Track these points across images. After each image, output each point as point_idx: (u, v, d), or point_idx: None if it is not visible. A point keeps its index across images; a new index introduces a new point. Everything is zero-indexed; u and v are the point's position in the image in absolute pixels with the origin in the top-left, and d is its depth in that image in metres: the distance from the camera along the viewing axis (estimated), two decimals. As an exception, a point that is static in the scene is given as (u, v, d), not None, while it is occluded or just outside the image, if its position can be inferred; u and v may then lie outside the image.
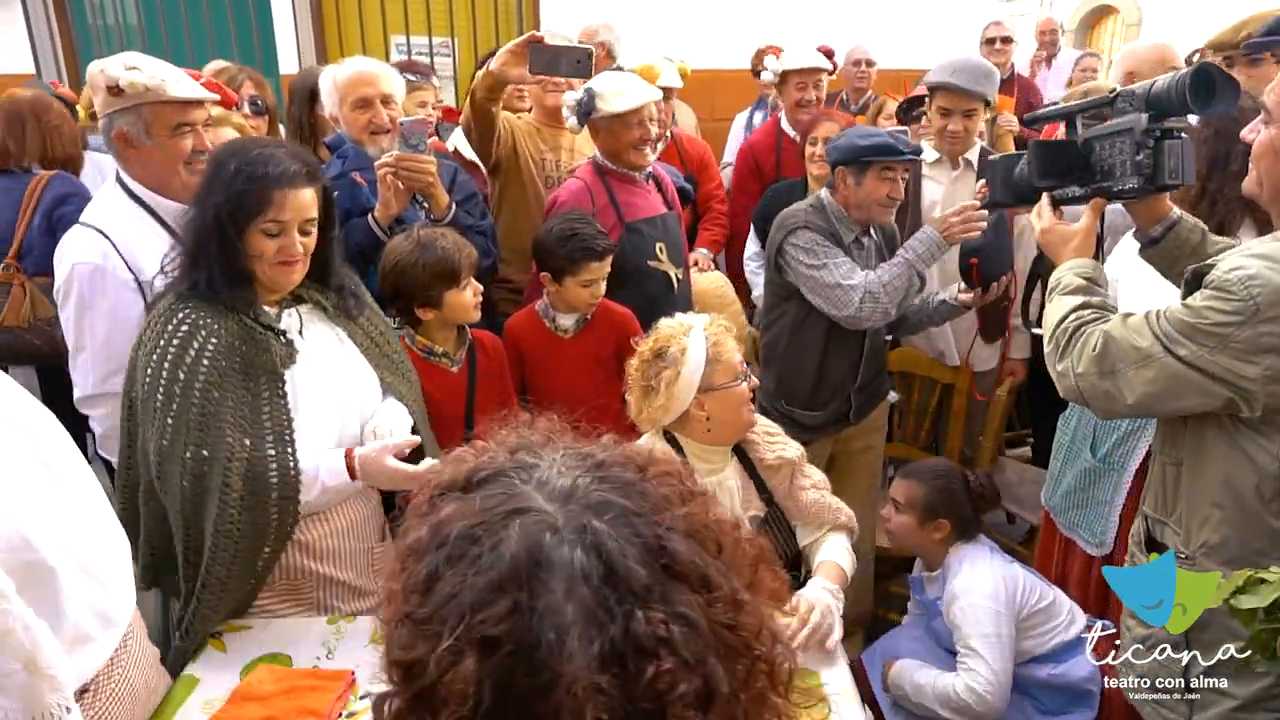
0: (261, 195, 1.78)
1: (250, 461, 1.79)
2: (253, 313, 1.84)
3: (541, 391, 2.72)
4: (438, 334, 2.46)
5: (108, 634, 1.39)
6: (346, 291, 2.01)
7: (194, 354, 1.79)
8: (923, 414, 3.27)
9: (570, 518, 0.71)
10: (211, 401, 1.78)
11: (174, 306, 1.83)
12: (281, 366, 1.85)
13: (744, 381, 1.96)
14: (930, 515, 2.32)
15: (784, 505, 2.02)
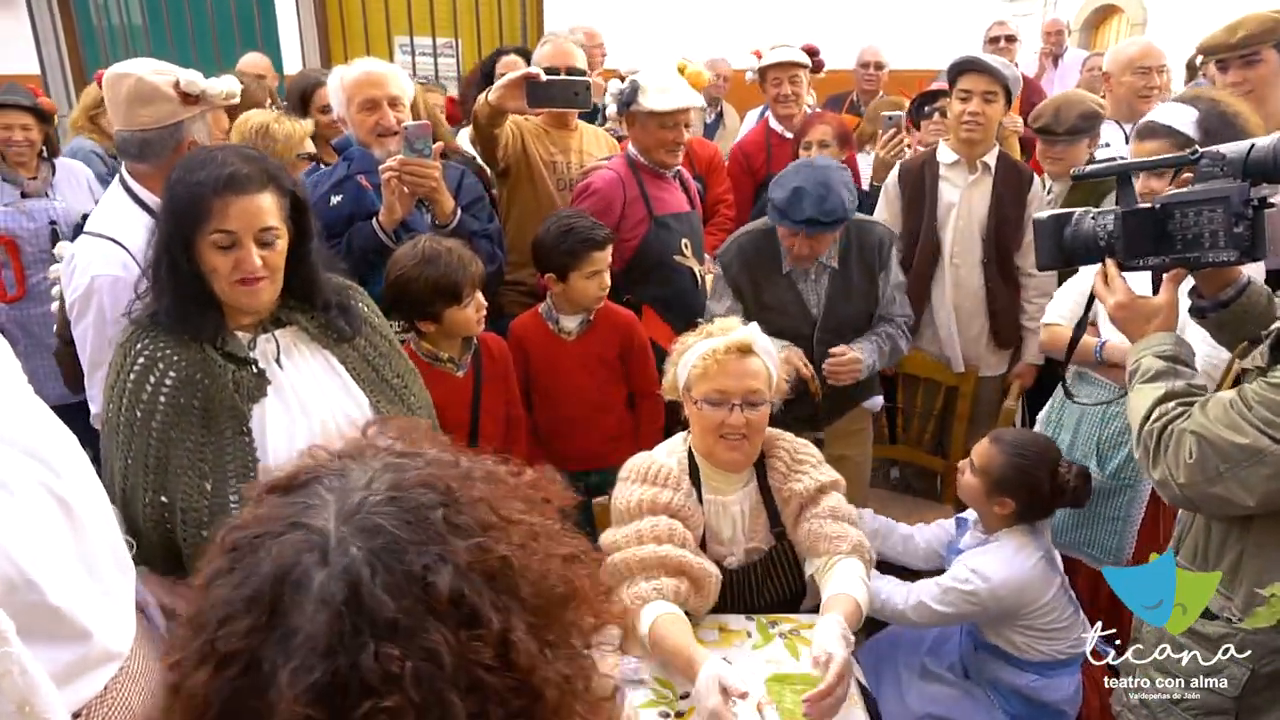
0: (200, 203, 1.59)
1: (211, 509, 1.65)
2: (219, 341, 1.67)
3: (545, 393, 2.73)
4: (441, 342, 2.46)
5: (105, 667, 1.38)
6: (335, 311, 1.80)
7: (150, 389, 1.65)
8: (927, 417, 3.27)
9: (341, 539, 0.69)
10: (168, 442, 1.64)
11: (134, 336, 1.69)
12: (249, 400, 1.69)
13: (723, 411, 1.83)
14: (999, 489, 2.18)
15: (791, 538, 1.93)
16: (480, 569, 0.70)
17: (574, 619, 0.75)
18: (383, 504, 0.71)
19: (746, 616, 1.88)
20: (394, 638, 0.65)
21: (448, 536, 0.70)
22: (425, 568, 0.68)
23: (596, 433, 2.80)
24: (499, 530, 0.73)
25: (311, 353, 1.80)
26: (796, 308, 2.65)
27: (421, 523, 0.71)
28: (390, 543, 0.69)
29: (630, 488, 1.89)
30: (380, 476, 0.75)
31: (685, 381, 1.88)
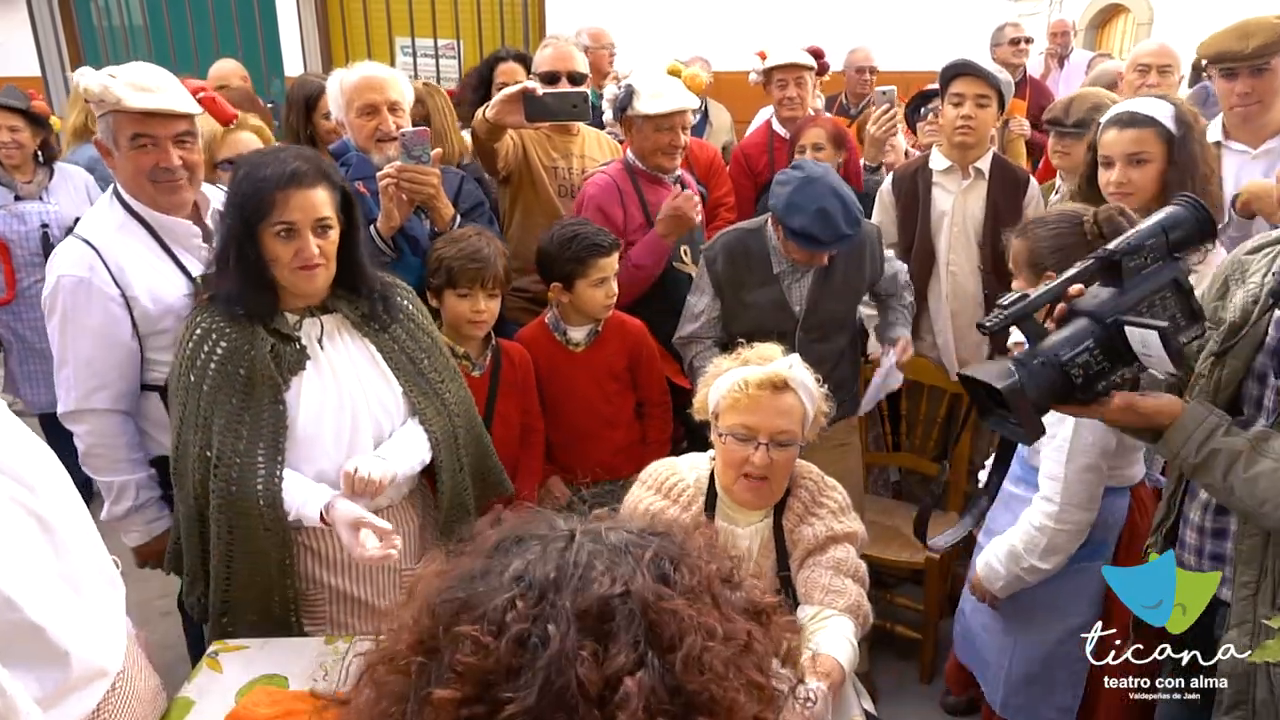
0: (265, 197, 1.78)
1: (241, 466, 1.81)
2: (269, 319, 1.85)
3: (554, 406, 2.71)
4: (452, 333, 2.45)
5: (94, 686, 1.36)
6: (378, 300, 1.97)
7: (204, 357, 1.85)
8: (931, 424, 3.23)
9: (577, 538, 0.76)
10: (214, 404, 1.83)
11: (196, 312, 1.92)
12: (288, 372, 1.85)
13: (748, 448, 1.75)
14: (1038, 269, 2.03)
15: (794, 581, 1.83)
16: (650, 614, 0.70)
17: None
18: (621, 529, 0.77)
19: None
20: (529, 600, 0.70)
21: (642, 570, 0.72)
22: (599, 573, 0.72)
23: (605, 445, 2.77)
24: (700, 603, 0.73)
25: (353, 339, 1.96)
26: (779, 306, 2.65)
27: (629, 549, 0.74)
28: (594, 549, 0.74)
29: (643, 492, 1.87)
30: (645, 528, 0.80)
31: (714, 408, 1.82)
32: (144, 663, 1.59)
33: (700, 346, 2.69)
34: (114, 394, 2.09)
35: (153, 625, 3.22)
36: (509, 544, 0.76)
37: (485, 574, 0.73)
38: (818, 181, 2.47)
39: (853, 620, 1.72)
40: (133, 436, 2.16)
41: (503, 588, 0.71)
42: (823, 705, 1.49)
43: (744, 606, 0.78)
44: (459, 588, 0.73)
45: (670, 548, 0.76)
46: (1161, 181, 2.26)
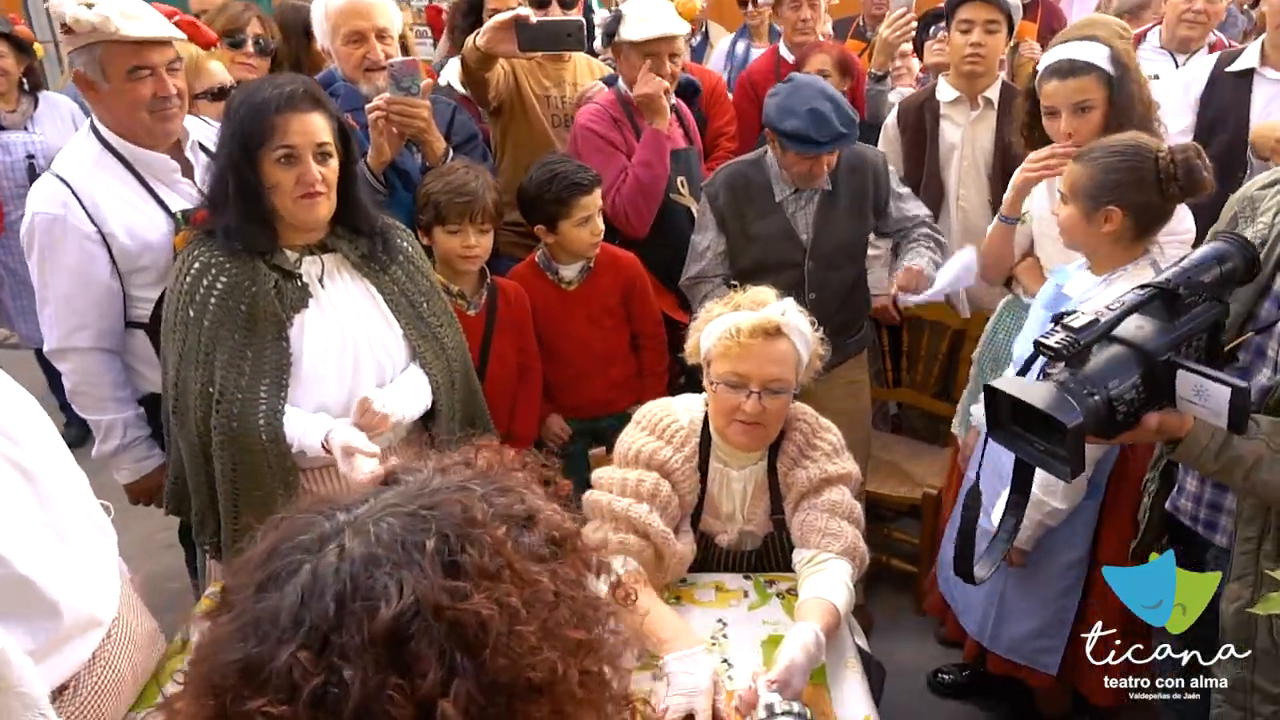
0: (264, 121, 1.74)
1: (243, 402, 1.80)
2: (269, 255, 1.82)
3: (550, 346, 2.68)
4: (446, 270, 2.41)
5: (89, 635, 1.36)
6: (378, 240, 1.94)
7: (203, 291, 1.81)
8: (932, 360, 3.21)
9: (342, 534, 0.71)
10: (216, 340, 1.81)
11: (192, 246, 1.87)
12: (290, 310, 1.82)
13: (740, 396, 1.71)
14: (1097, 202, 1.91)
15: (788, 524, 1.83)
16: (447, 616, 0.65)
17: (538, 717, 0.68)
18: (393, 513, 0.71)
19: (744, 575, 1.85)
20: (314, 648, 0.64)
21: (427, 568, 0.66)
22: (383, 589, 0.65)
23: (602, 382, 2.76)
24: (497, 584, 0.68)
25: (353, 279, 1.93)
26: (785, 235, 2.59)
27: (407, 544, 0.68)
28: (368, 554, 0.67)
29: (637, 434, 1.84)
30: (424, 483, 0.75)
31: (706, 354, 1.78)
32: (140, 607, 1.60)
33: (709, 286, 2.64)
34: (95, 333, 2.07)
35: (156, 558, 3.26)
36: (277, 570, 0.69)
37: (258, 623, 0.66)
38: (806, 86, 2.45)
39: (849, 563, 1.72)
40: (118, 375, 2.14)
41: (281, 640, 0.64)
42: (818, 648, 1.49)
43: (544, 544, 0.73)
44: (236, 646, 0.66)
45: (451, 519, 0.70)
46: (1104, 124, 2.23)
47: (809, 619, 1.54)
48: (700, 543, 1.84)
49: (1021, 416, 1.28)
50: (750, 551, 1.90)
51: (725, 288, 2.63)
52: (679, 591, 1.78)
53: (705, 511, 1.85)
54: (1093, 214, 1.97)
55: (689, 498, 1.81)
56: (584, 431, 2.79)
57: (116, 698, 1.45)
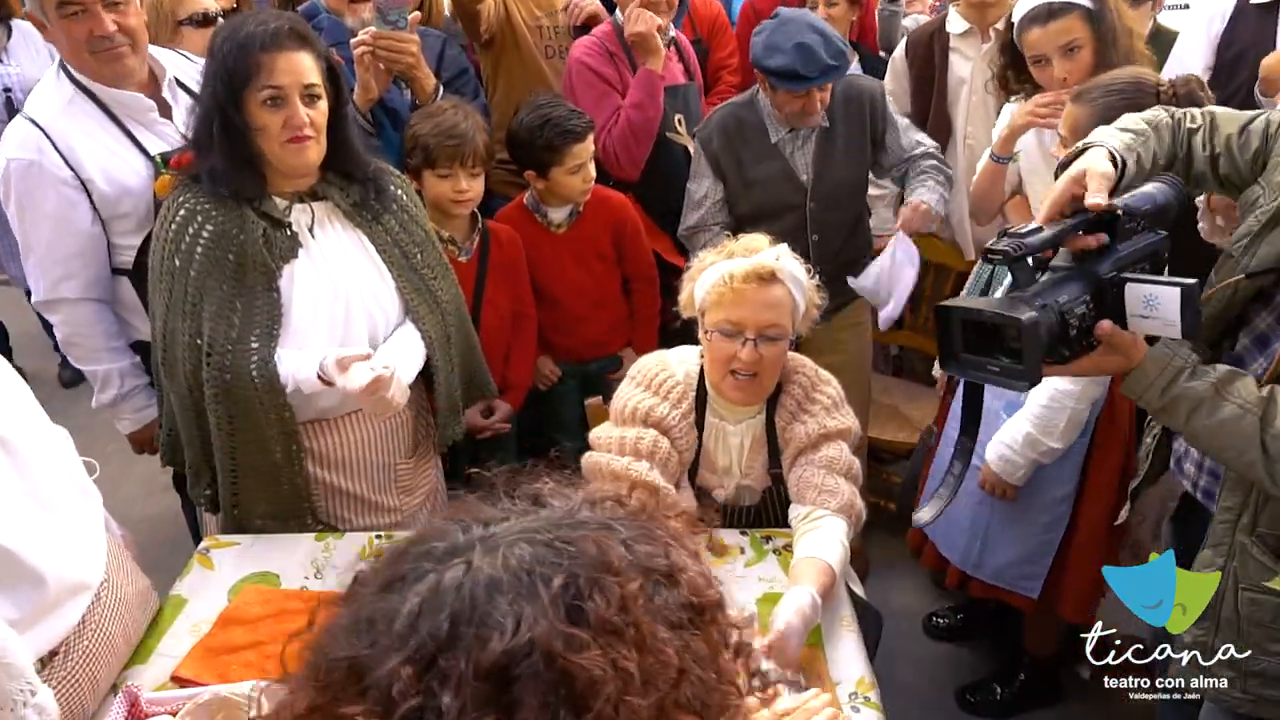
0: (249, 59, 1.65)
1: (234, 354, 1.74)
2: (257, 202, 1.75)
3: (540, 288, 2.62)
4: (436, 215, 2.34)
5: (76, 600, 1.35)
6: (370, 188, 1.86)
7: (189, 240, 1.74)
8: (934, 302, 3.14)
9: (472, 551, 0.70)
10: (203, 290, 1.74)
11: (177, 192, 1.78)
12: (280, 259, 1.76)
13: (735, 344, 1.67)
14: None
15: (786, 479, 1.79)
16: (558, 665, 0.61)
17: None
18: (529, 539, 0.68)
19: (740, 531, 1.84)
20: (418, 665, 0.62)
21: (548, 607, 0.63)
22: (499, 619, 0.62)
23: (596, 326, 2.72)
24: (617, 642, 0.63)
25: (344, 228, 1.85)
26: (785, 178, 2.52)
27: (533, 575, 0.65)
28: (493, 578, 0.65)
29: (632, 390, 1.80)
30: (570, 512, 0.72)
31: (700, 304, 1.73)
32: (130, 566, 1.59)
33: (708, 235, 2.57)
34: (82, 283, 2.02)
35: (156, 499, 3.26)
36: (404, 572, 0.68)
37: (372, 624, 0.65)
38: (793, 20, 2.37)
39: (845, 520, 1.70)
40: (110, 325, 2.09)
41: (390, 647, 0.63)
42: (813, 611, 1.48)
43: (680, 609, 0.69)
44: (348, 641, 0.65)
45: (585, 558, 0.66)
46: (1095, 62, 2.16)
47: (804, 581, 1.52)
48: (696, 498, 1.82)
49: (973, 342, 1.26)
50: (747, 506, 1.88)
51: (724, 236, 2.57)
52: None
53: (701, 466, 1.83)
54: None
55: (686, 454, 1.78)
56: (574, 374, 2.77)
57: (109, 660, 1.44)
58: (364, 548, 1.81)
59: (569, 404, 2.79)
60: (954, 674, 2.65)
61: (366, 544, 1.82)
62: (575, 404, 2.79)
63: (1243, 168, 1.41)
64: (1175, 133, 1.48)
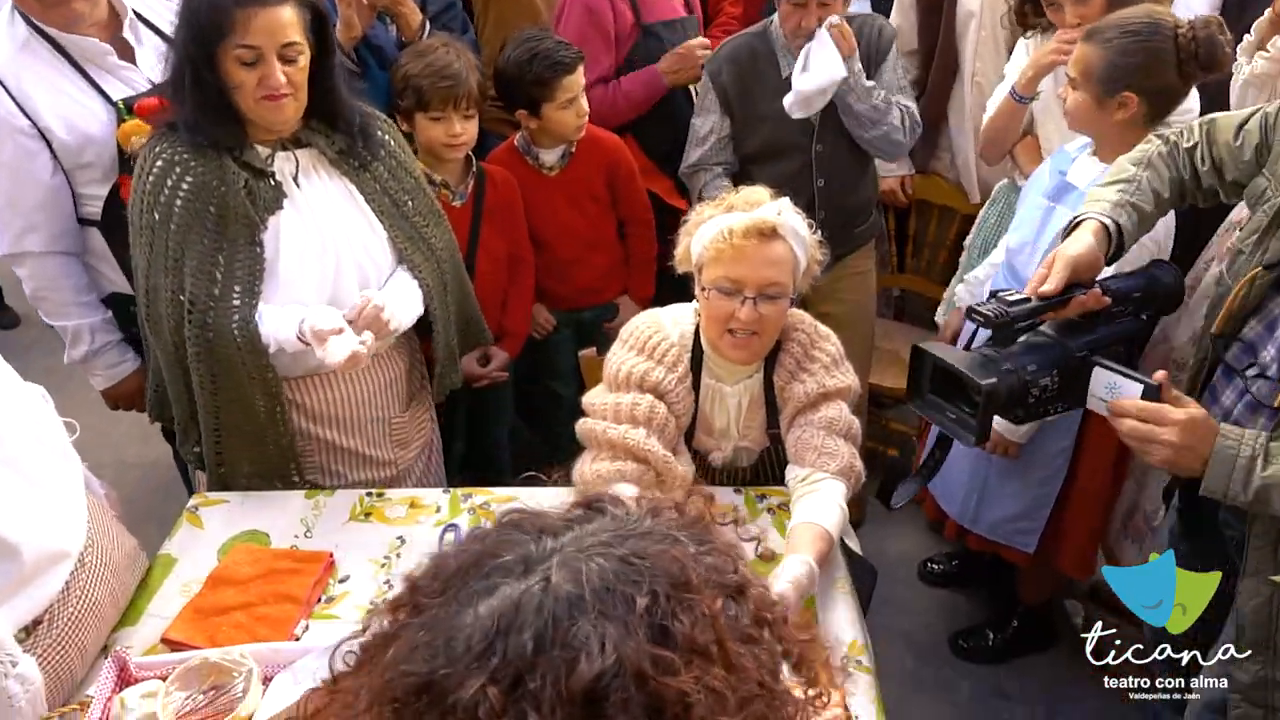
0: (221, 15, 1.57)
1: (217, 311, 1.70)
2: (238, 152, 1.68)
3: (533, 232, 2.55)
4: (429, 159, 2.27)
5: (57, 569, 1.32)
6: (357, 135, 1.79)
7: (168, 192, 1.68)
8: (939, 247, 3.09)
9: (548, 564, 0.67)
10: (184, 244, 1.69)
11: (154, 141, 1.72)
12: (264, 211, 1.69)
13: (734, 303, 1.60)
14: (1114, 84, 1.79)
15: (784, 439, 1.75)
16: (649, 687, 0.60)
17: None
18: (604, 553, 0.66)
19: (735, 490, 1.82)
20: (504, 686, 0.60)
21: (635, 627, 0.61)
22: (584, 640, 0.60)
23: (590, 271, 2.67)
24: (707, 663, 0.62)
25: (330, 177, 1.79)
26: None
27: (616, 594, 0.63)
28: (574, 596, 0.62)
29: (625, 354, 1.75)
30: (636, 521, 0.70)
31: (697, 259, 1.66)
32: (116, 529, 1.57)
33: (709, 175, 2.49)
34: (46, 236, 1.96)
35: (150, 446, 3.25)
36: (474, 584, 0.65)
37: (449, 641, 0.62)
38: None
39: (843, 482, 1.67)
40: (78, 279, 2.04)
41: (471, 666, 0.61)
42: (810, 581, 1.46)
43: (752, 624, 0.68)
44: (420, 659, 0.63)
45: (666, 576, 0.64)
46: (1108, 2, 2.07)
47: (801, 550, 1.50)
48: (693, 461, 1.79)
49: (940, 385, 1.38)
50: (744, 468, 1.86)
51: (726, 178, 2.50)
52: (664, 507, 1.73)
53: (698, 429, 1.79)
54: (1105, 101, 1.83)
55: (683, 419, 1.74)
56: (568, 322, 2.72)
57: (96, 624, 1.43)
58: (354, 506, 1.79)
59: (564, 352, 2.75)
60: (948, 620, 2.67)
61: (356, 503, 1.80)
62: (570, 352, 2.75)
63: (1245, 166, 1.42)
64: (1173, 159, 1.50)
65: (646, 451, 1.65)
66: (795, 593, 1.41)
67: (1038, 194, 2.06)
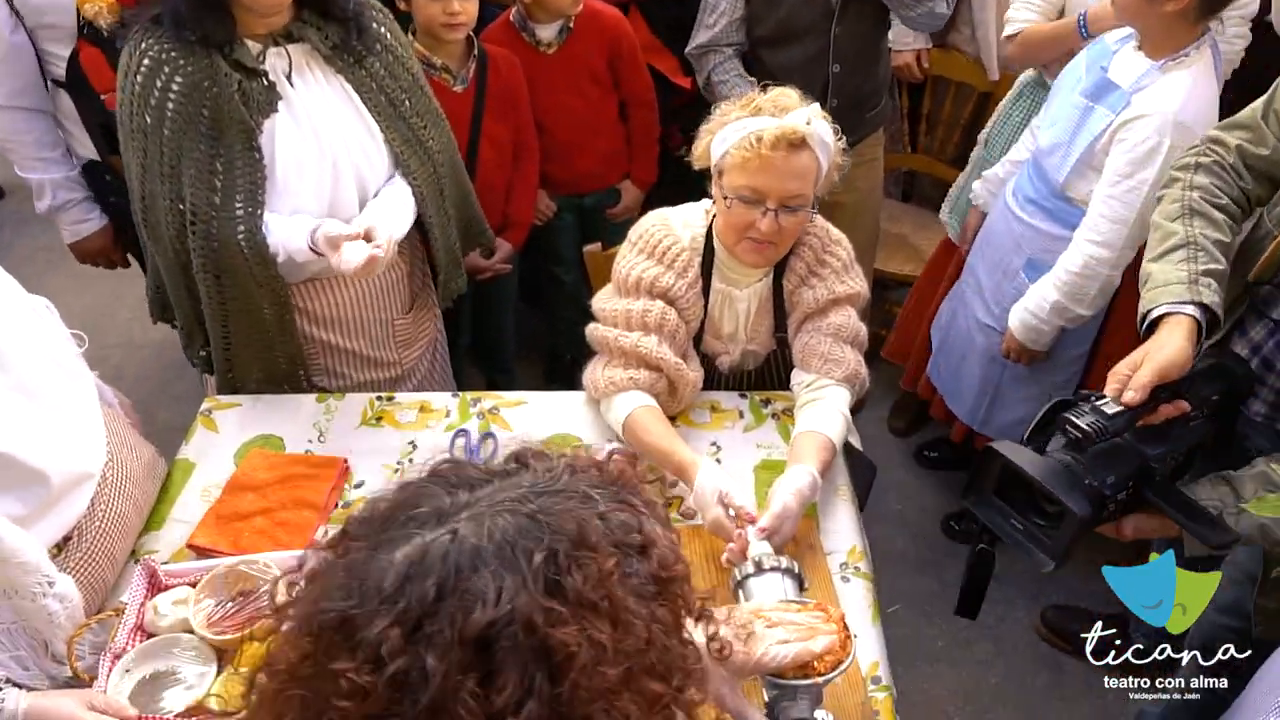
0: None
1: (219, 219, 1.67)
2: (228, 49, 1.60)
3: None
4: (427, 40, 2.17)
5: (81, 488, 1.35)
6: (353, 25, 1.69)
7: (158, 94, 1.62)
8: (953, 126, 2.99)
9: (457, 516, 0.71)
10: (180, 151, 1.64)
11: (138, 37, 1.63)
12: (259, 114, 1.64)
13: (755, 212, 1.57)
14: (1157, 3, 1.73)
15: (791, 344, 1.77)
16: (538, 636, 0.65)
17: None
18: (512, 509, 0.70)
19: (740, 394, 1.84)
20: (405, 628, 0.65)
21: (530, 580, 0.66)
22: (482, 589, 0.66)
23: (591, 155, 2.60)
24: (593, 616, 0.67)
25: (325, 75, 1.72)
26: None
27: (516, 549, 0.68)
28: (477, 548, 0.67)
29: (635, 259, 1.72)
30: (553, 477, 0.75)
31: (718, 163, 1.61)
32: (134, 439, 1.59)
33: (719, 57, 2.37)
34: (7, 91, 2.03)
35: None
36: (392, 535, 0.70)
37: (363, 582, 0.68)
38: None
39: (848, 389, 1.70)
40: (42, 135, 2.12)
41: (379, 607, 0.66)
42: (812, 491, 1.50)
43: (650, 581, 0.72)
44: (338, 596, 0.68)
45: (566, 534, 0.69)
46: None
47: (805, 459, 1.53)
48: (701, 363, 1.80)
49: (1008, 489, 1.23)
50: (750, 370, 1.87)
51: (737, 60, 2.39)
52: (672, 413, 1.76)
53: (706, 333, 1.79)
54: (1149, 16, 1.75)
55: (694, 324, 1.74)
56: (570, 208, 2.67)
57: (123, 534, 1.48)
58: (364, 410, 1.82)
59: (566, 239, 2.72)
60: (942, 503, 2.76)
61: (367, 406, 1.82)
62: (571, 238, 2.73)
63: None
64: (1212, 193, 1.41)
65: (659, 359, 1.66)
66: (797, 503, 1.45)
67: (1073, 90, 1.96)
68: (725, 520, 1.44)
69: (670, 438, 1.60)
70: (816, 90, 2.30)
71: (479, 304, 2.61)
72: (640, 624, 0.70)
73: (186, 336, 1.88)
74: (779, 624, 1.15)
